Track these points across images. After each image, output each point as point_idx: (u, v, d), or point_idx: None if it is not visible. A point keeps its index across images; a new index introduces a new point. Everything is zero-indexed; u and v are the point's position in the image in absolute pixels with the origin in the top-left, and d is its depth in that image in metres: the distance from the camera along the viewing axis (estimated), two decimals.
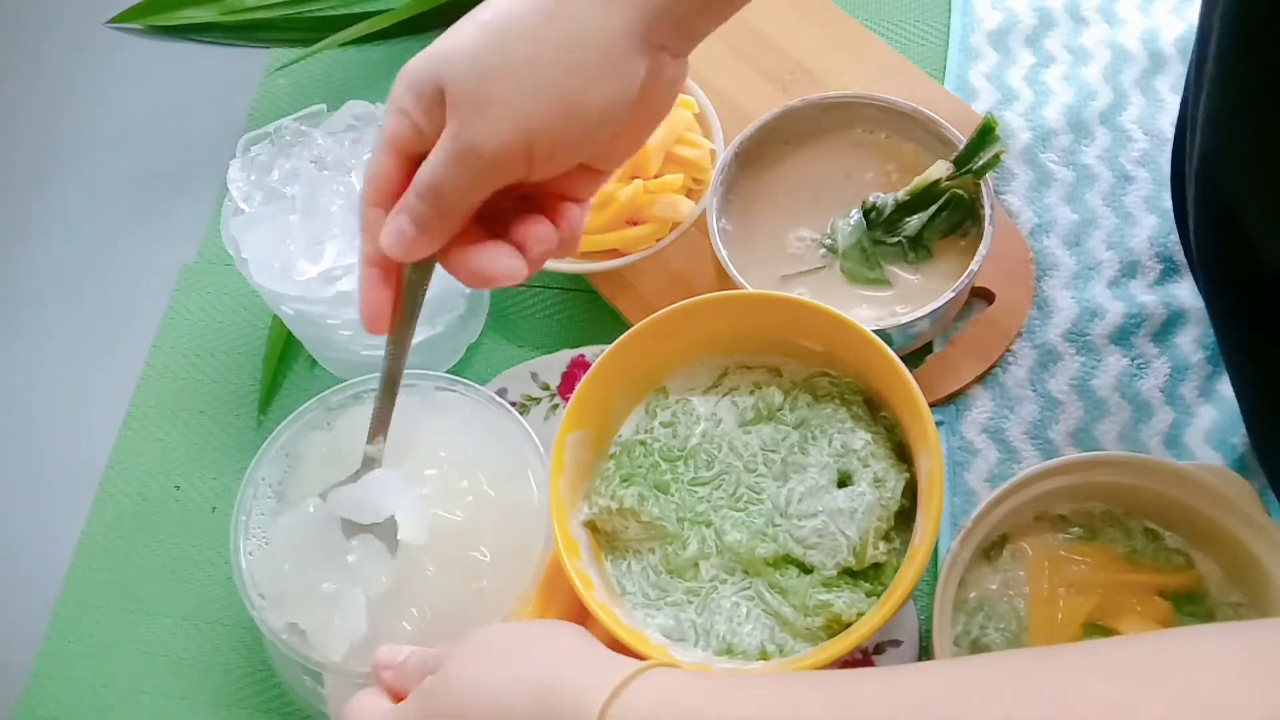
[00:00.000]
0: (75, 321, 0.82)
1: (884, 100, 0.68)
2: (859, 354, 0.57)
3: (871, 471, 0.56)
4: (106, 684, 0.68)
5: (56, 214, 0.86)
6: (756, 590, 0.55)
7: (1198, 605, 0.55)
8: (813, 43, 0.78)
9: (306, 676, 0.61)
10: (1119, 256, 0.69)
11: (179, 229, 0.82)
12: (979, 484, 0.64)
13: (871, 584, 0.55)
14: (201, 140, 0.85)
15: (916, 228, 0.66)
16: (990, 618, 0.55)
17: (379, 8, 0.83)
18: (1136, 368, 0.66)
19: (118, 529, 0.72)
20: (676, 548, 0.57)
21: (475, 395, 0.63)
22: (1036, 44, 0.77)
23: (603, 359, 0.58)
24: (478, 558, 0.58)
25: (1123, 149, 0.72)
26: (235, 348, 0.77)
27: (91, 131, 0.89)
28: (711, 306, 0.58)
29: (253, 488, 0.62)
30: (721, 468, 0.58)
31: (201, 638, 0.68)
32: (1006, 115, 0.74)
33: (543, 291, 0.75)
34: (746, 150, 0.69)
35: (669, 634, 0.55)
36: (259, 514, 0.62)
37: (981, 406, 0.66)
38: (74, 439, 0.77)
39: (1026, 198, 0.72)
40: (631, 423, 0.61)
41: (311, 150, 0.65)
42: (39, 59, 0.93)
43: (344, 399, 0.64)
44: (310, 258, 0.63)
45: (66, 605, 0.70)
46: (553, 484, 0.56)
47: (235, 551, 0.60)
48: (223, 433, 0.74)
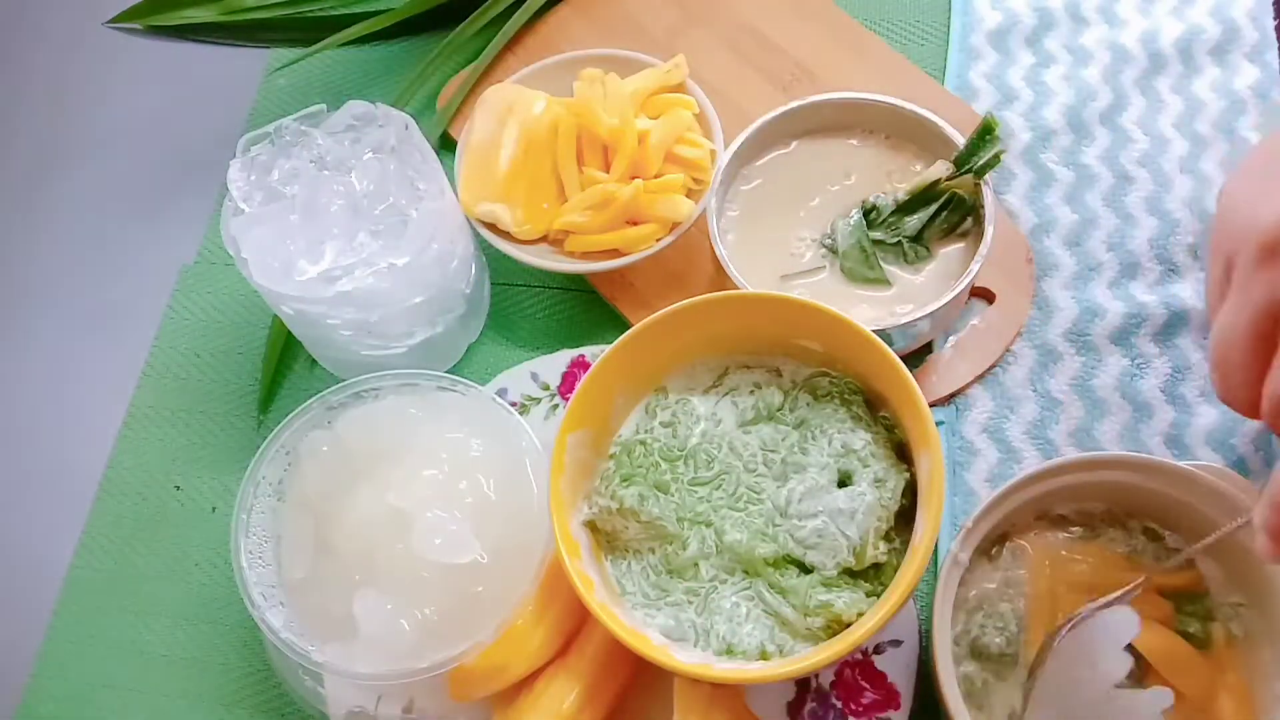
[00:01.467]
0: (75, 321, 0.82)
1: (884, 100, 0.68)
2: (859, 354, 0.57)
3: (871, 471, 0.56)
4: (106, 684, 0.68)
5: (56, 214, 0.86)
6: (756, 590, 0.55)
7: (1198, 605, 0.55)
8: (813, 43, 0.78)
9: (306, 677, 0.61)
10: (1119, 258, 0.69)
11: (179, 229, 0.82)
12: (979, 484, 0.64)
13: (871, 584, 0.55)
14: (201, 140, 0.86)
15: (916, 228, 0.66)
16: (990, 617, 0.55)
17: (379, 8, 0.83)
18: (1137, 368, 0.66)
19: (118, 529, 0.72)
20: (676, 548, 0.57)
21: (475, 395, 0.63)
22: (1036, 44, 0.77)
23: (603, 359, 0.58)
24: (478, 559, 0.58)
25: (1123, 149, 0.72)
26: (235, 348, 0.77)
27: (91, 131, 0.89)
28: (711, 306, 0.58)
29: (253, 487, 0.62)
30: (721, 468, 0.58)
31: (201, 638, 0.68)
32: (1006, 115, 0.74)
33: (543, 291, 0.75)
34: (746, 150, 0.69)
35: (669, 634, 0.55)
36: (259, 513, 0.62)
37: (981, 406, 0.66)
38: (74, 439, 0.77)
39: (1026, 198, 0.72)
40: (631, 423, 0.61)
41: (311, 150, 0.65)
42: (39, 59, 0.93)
43: (344, 399, 0.64)
44: (310, 258, 0.63)
45: (66, 605, 0.70)
46: (553, 484, 0.56)
47: (235, 551, 0.60)
48: (223, 433, 0.74)
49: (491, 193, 0.70)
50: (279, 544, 0.61)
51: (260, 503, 0.62)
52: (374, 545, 0.58)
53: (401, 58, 0.84)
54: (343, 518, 0.59)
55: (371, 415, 0.63)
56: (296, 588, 0.60)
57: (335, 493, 0.60)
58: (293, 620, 0.59)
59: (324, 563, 0.59)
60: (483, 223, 0.70)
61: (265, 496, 0.62)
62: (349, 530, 0.59)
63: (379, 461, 0.61)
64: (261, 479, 0.62)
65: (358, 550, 0.59)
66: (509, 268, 0.74)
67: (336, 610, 0.58)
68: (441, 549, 0.57)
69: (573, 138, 0.70)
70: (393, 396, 0.64)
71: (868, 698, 0.58)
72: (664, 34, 0.81)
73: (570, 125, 0.70)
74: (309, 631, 0.59)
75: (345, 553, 0.59)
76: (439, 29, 0.82)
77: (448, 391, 0.63)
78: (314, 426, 0.63)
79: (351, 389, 0.64)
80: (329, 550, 0.59)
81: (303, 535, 0.60)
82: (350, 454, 0.61)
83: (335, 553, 0.59)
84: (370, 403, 0.64)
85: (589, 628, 0.58)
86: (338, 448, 0.62)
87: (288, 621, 0.59)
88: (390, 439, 0.61)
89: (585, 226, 0.69)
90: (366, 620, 0.57)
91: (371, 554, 0.58)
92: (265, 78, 0.87)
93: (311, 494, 0.61)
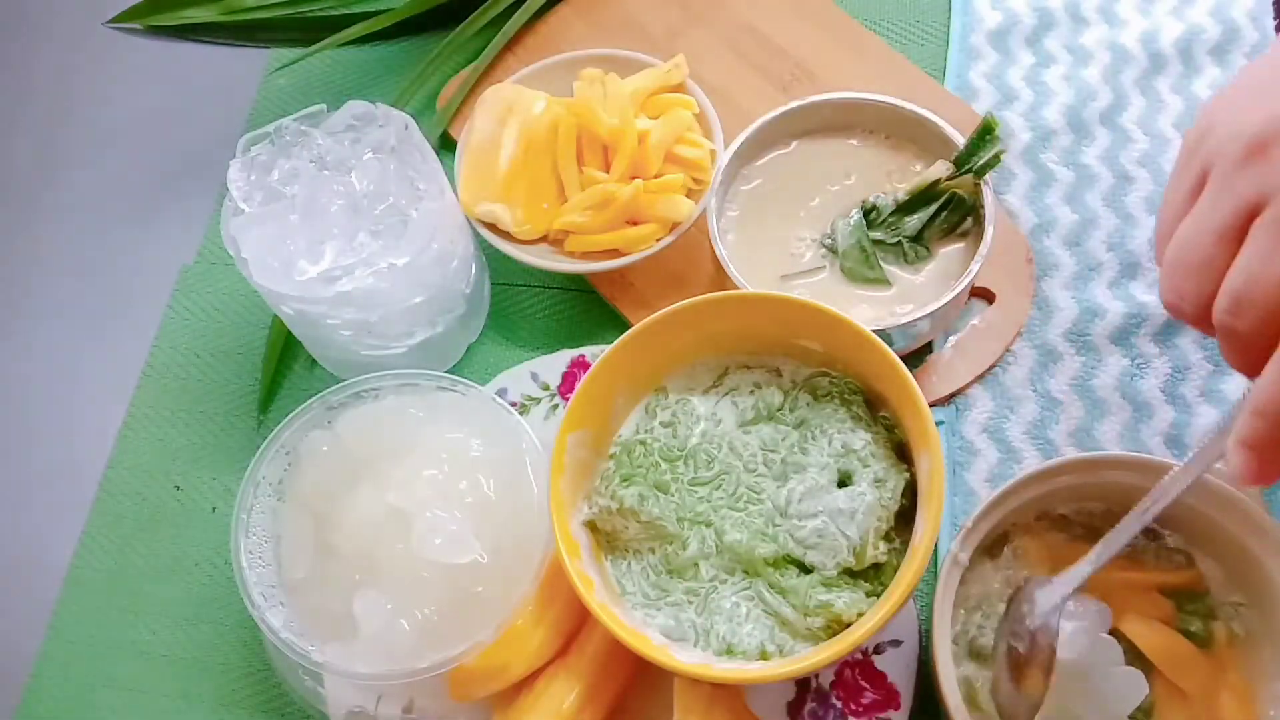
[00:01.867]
0: (75, 321, 0.82)
1: (884, 100, 0.68)
2: (859, 354, 0.57)
3: (871, 471, 0.56)
4: (106, 684, 0.68)
5: (56, 214, 0.86)
6: (756, 590, 0.55)
7: (1199, 604, 0.55)
8: (813, 43, 0.78)
9: (306, 677, 0.61)
10: (1119, 258, 0.69)
11: (179, 229, 0.82)
12: (979, 484, 0.64)
13: (871, 584, 0.55)
14: (201, 140, 0.86)
15: (916, 228, 0.66)
16: (988, 617, 0.55)
17: (379, 8, 0.83)
18: (1137, 368, 0.66)
19: (118, 529, 0.72)
20: (676, 548, 0.57)
21: (475, 395, 0.63)
22: (1036, 44, 0.77)
23: (603, 359, 0.58)
24: (478, 559, 0.58)
25: (1123, 149, 0.72)
26: (235, 348, 0.77)
27: (91, 131, 0.89)
28: (711, 306, 0.58)
29: (253, 487, 0.62)
30: (721, 468, 0.58)
31: (201, 638, 0.68)
32: (1006, 115, 0.74)
33: (543, 291, 0.75)
34: (746, 150, 0.69)
35: (669, 634, 0.55)
36: (259, 513, 0.62)
37: (981, 406, 0.66)
38: (74, 439, 0.77)
39: (1026, 198, 0.72)
40: (631, 423, 0.61)
41: (311, 150, 0.65)
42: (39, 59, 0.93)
43: (344, 399, 0.64)
44: (310, 258, 0.63)
45: (66, 605, 0.70)
46: (553, 484, 0.56)
47: (235, 551, 0.60)
48: (223, 433, 0.74)
49: (491, 193, 0.70)
50: (279, 544, 0.61)
51: (260, 503, 0.62)
52: (374, 545, 0.58)
53: (401, 58, 0.84)
54: (343, 518, 0.59)
55: (371, 415, 0.63)
56: (296, 588, 0.60)
57: (335, 493, 0.60)
58: (292, 620, 0.59)
59: (324, 563, 0.59)
60: (483, 223, 0.70)
61: (265, 496, 0.62)
62: (349, 530, 0.59)
63: (379, 461, 0.61)
64: (261, 479, 0.62)
65: (358, 550, 0.59)
66: (509, 268, 0.74)
67: (336, 610, 0.58)
68: (441, 549, 0.57)
69: (573, 138, 0.70)
70: (393, 396, 0.64)
71: (868, 698, 0.58)
72: (664, 34, 0.81)
73: (570, 125, 0.70)
74: (309, 631, 0.59)
75: (345, 553, 0.59)
76: (439, 29, 0.82)
77: (448, 391, 0.63)
78: (314, 426, 0.63)
79: (351, 389, 0.64)
80: (329, 550, 0.59)
81: (303, 535, 0.60)
82: (350, 454, 0.61)
83: (335, 553, 0.59)
84: (370, 403, 0.64)
85: (589, 628, 0.58)
86: (338, 448, 0.62)
87: (287, 621, 0.59)
88: (390, 439, 0.61)
89: (585, 226, 0.69)
90: (366, 620, 0.57)
91: (371, 554, 0.58)
92: (265, 78, 0.87)
93: (311, 494, 0.61)
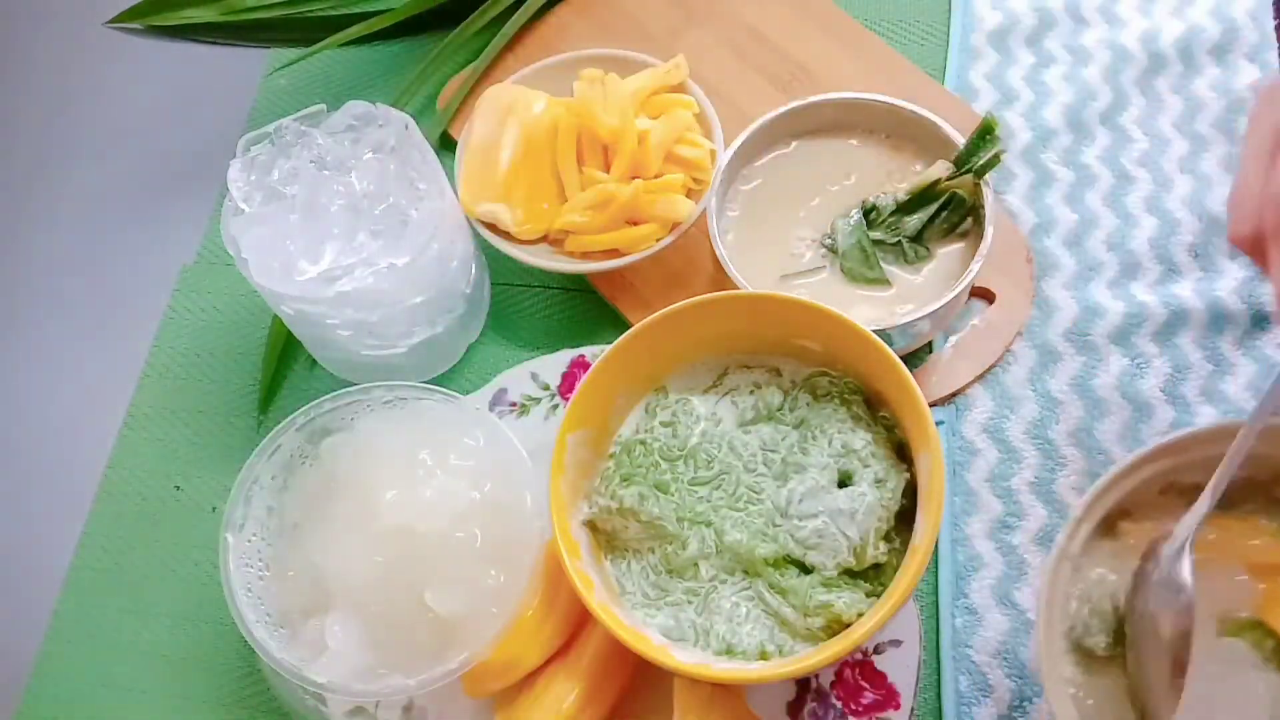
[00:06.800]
0: (75, 321, 0.82)
1: (884, 100, 0.68)
2: (859, 354, 0.57)
3: (872, 471, 0.56)
4: (106, 684, 0.68)
5: (56, 214, 0.86)
6: (756, 590, 0.55)
7: None
8: (813, 43, 0.78)
9: (307, 696, 0.61)
10: (1119, 257, 0.69)
11: (179, 229, 0.82)
12: (979, 484, 0.64)
13: (871, 584, 0.55)
14: (201, 140, 0.86)
15: (916, 228, 0.66)
16: (1095, 615, 0.50)
17: (379, 8, 0.83)
18: (1137, 368, 0.66)
19: (118, 529, 0.72)
20: (676, 548, 0.57)
21: (460, 405, 0.62)
22: (1036, 44, 0.77)
23: (603, 359, 0.58)
24: (471, 569, 0.57)
25: (1123, 149, 0.72)
26: (235, 348, 0.77)
27: (91, 131, 0.89)
28: (711, 306, 0.58)
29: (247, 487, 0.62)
30: (721, 468, 0.58)
31: (201, 638, 0.68)
32: (1006, 115, 0.74)
33: (543, 291, 0.75)
34: (746, 150, 0.69)
35: (669, 634, 0.55)
36: (253, 525, 0.61)
37: (981, 406, 0.66)
38: (74, 439, 0.77)
39: (1026, 198, 0.72)
40: (631, 422, 0.61)
41: (311, 150, 0.65)
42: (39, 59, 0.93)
43: (327, 413, 0.63)
44: (310, 258, 0.63)
45: (66, 605, 0.70)
46: (553, 484, 0.56)
47: (224, 549, 0.60)
48: (223, 433, 0.74)
49: (491, 193, 0.70)
50: (270, 567, 0.61)
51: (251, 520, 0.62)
52: (364, 560, 0.57)
53: (401, 58, 0.84)
54: (330, 534, 0.59)
55: (357, 429, 0.62)
56: (289, 609, 0.60)
57: (323, 509, 0.60)
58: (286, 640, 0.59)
59: (314, 578, 0.59)
60: (483, 223, 0.70)
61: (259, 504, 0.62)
62: (336, 546, 0.58)
63: (366, 475, 0.60)
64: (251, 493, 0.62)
65: (347, 566, 0.58)
66: (509, 268, 0.74)
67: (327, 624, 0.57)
68: (434, 560, 0.57)
69: (573, 138, 0.70)
70: (378, 409, 0.63)
71: (868, 698, 0.58)
72: (664, 34, 0.81)
73: (570, 125, 0.70)
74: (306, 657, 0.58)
75: (334, 569, 0.58)
76: (439, 29, 0.82)
77: (432, 402, 0.63)
78: (313, 429, 0.63)
79: (337, 401, 0.63)
80: (317, 567, 0.59)
81: (293, 554, 0.60)
82: (336, 469, 0.61)
83: (324, 569, 0.58)
84: (356, 416, 0.63)
85: (589, 628, 0.58)
86: (322, 465, 0.61)
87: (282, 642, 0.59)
88: (377, 448, 0.61)
89: (585, 226, 0.69)
90: (342, 639, 0.57)
91: (362, 569, 0.57)
92: (265, 78, 0.87)
93: (299, 511, 0.61)
